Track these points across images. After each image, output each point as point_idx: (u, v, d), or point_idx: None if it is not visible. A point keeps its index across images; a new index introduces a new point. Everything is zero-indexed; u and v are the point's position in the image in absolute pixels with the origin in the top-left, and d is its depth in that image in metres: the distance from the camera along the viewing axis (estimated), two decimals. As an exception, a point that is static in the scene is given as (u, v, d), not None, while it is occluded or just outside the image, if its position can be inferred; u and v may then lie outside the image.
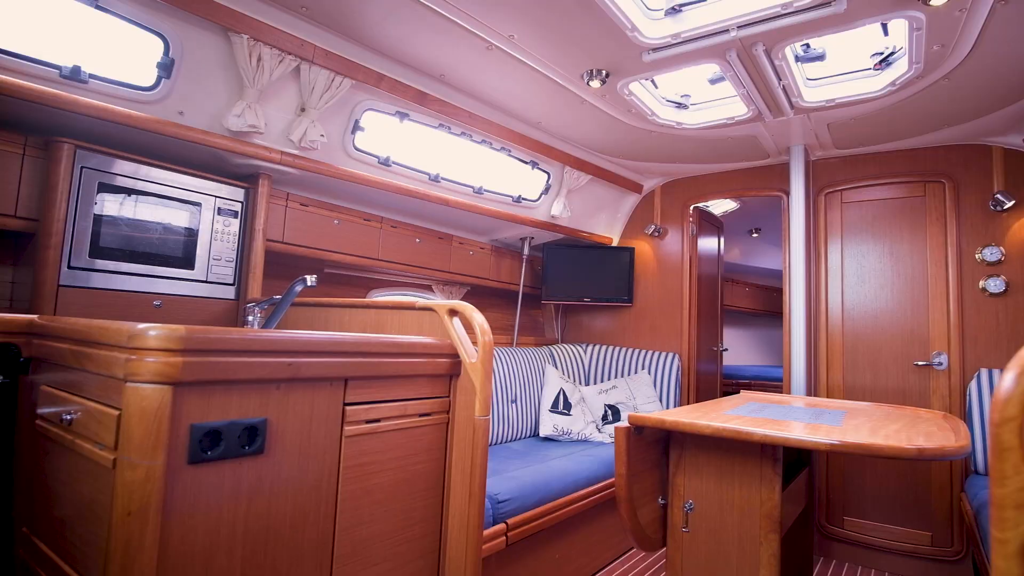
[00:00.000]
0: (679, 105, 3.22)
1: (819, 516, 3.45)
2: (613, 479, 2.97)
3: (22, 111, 2.00)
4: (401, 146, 3.02)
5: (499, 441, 3.32)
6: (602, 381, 4.12)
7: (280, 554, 1.35)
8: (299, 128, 2.51)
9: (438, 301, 1.88)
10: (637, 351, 4.14)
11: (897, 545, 3.22)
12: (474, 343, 1.80)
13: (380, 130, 2.89)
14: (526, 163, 3.57)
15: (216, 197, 2.40)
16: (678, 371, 3.96)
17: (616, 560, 3.11)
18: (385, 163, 2.95)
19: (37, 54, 1.94)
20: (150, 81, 2.19)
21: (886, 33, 2.48)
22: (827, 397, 3.51)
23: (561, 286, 4.28)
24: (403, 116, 2.88)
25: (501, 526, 2.28)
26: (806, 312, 3.50)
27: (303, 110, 2.52)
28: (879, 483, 3.33)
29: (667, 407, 3.91)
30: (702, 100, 3.18)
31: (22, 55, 1.91)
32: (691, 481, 2.03)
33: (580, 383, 4.09)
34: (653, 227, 4.30)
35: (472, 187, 3.41)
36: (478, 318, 1.78)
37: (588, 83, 2.74)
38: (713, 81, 3.02)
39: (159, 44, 2.14)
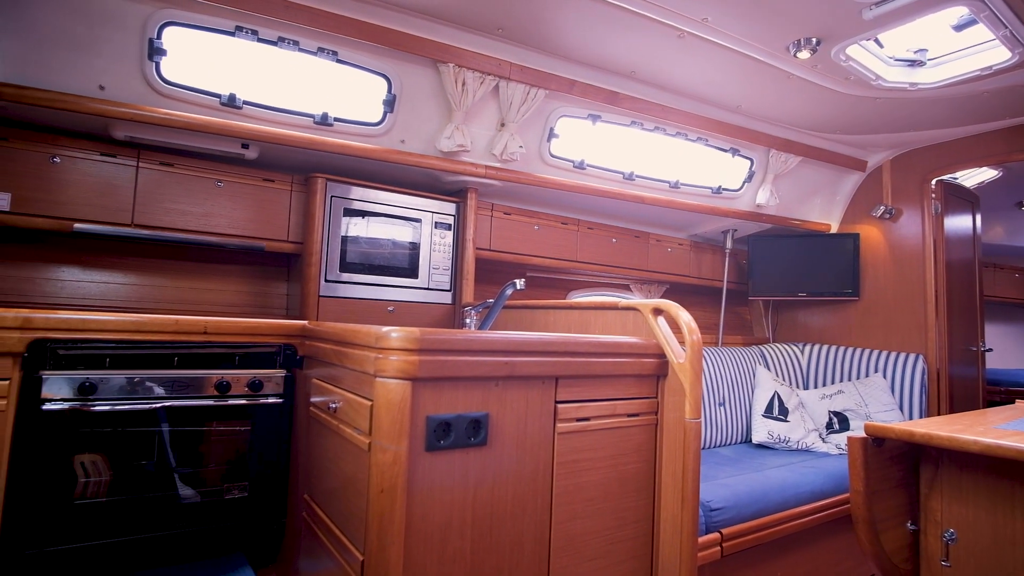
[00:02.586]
0: (912, 63, 2.76)
1: None
2: (845, 496, 2.64)
3: (291, 155, 2.47)
4: (594, 148, 3.06)
5: (707, 446, 3.17)
6: (824, 385, 3.68)
7: (503, 539, 1.45)
8: (500, 142, 2.68)
9: (641, 300, 1.86)
10: (867, 351, 3.62)
11: None
12: (681, 343, 1.74)
13: (573, 135, 2.96)
14: (725, 151, 3.36)
15: (433, 213, 2.69)
16: (923, 375, 3.37)
17: (851, 587, 2.75)
18: (580, 166, 3.01)
19: (296, 107, 2.37)
20: (377, 117, 2.53)
21: None
22: None
23: (770, 280, 3.93)
24: (595, 118, 2.91)
25: (715, 535, 2.17)
26: (1114, 301, 2.73)
27: (503, 125, 2.69)
28: None
29: (909, 417, 3.35)
30: (944, 53, 2.68)
31: (287, 109, 2.36)
32: (951, 506, 1.71)
33: (797, 386, 3.71)
34: (882, 208, 3.73)
35: (668, 182, 3.31)
36: (685, 316, 1.72)
37: (795, 55, 2.49)
38: (959, 27, 2.52)
39: (383, 84, 2.46)
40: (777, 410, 3.30)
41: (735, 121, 3.19)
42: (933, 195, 3.57)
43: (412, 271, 2.61)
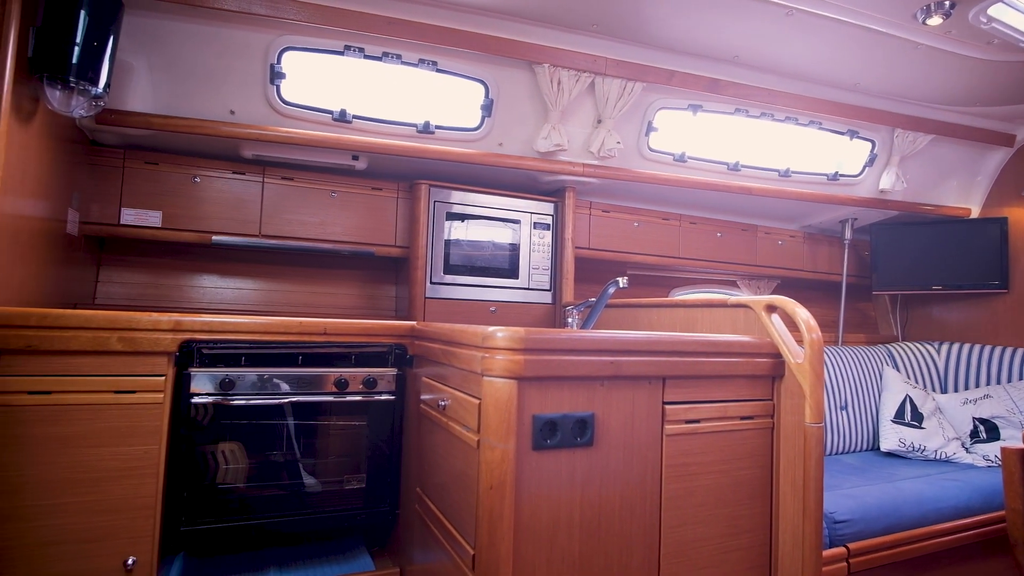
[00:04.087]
0: (1075, 19, 2.40)
1: None
2: (998, 514, 2.36)
3: (396, 164, 2.60)
4: (695, 139, 2.94)
5: (829, 452, 2.95)
6: (966, 388, 3.30)
7: (611, 542, 1.43)
8: (597, 139, 2.65)
9: (752, 296, 1.76)
10: (1020, 351, 3.20)
11: None
12: (798, 341, 1.63)
13: (673, 127, 2.87)
14: (842, 134, 3.11)
15: (531, 214, 2.71)
16: (1094, 377, 2.92)
17: (1006, 616, 2.44)
18: (680, 159, 2.91)
19: (401, 117, 2.49)
20: (476, 122, 2.59)
21: None
22: None
23: (898, 273, 3.58)
24: (696, 108, 2.80)
25: (840, 550, 2.01)
26: None
27: (599, 121, 2.66)
28: None
29: (1077, 425, 2.92)
30: (1118, 4, 2.30)
31: (392, 120, 2.48)
32: None
33: (933, 390, 3.35)
34: (1037, 188, 3.28)
35: (777, 171, 3.12)
36: (802, 313, 1.61)
37: (924, 22, 2.25)
38: None
39: (480, 89, 2.52)
40: (910, 415, 3.00)
41: (853, 101, 2.94)
42: (1103, 170, 3.09)
43: (513, 272, 2.65)
